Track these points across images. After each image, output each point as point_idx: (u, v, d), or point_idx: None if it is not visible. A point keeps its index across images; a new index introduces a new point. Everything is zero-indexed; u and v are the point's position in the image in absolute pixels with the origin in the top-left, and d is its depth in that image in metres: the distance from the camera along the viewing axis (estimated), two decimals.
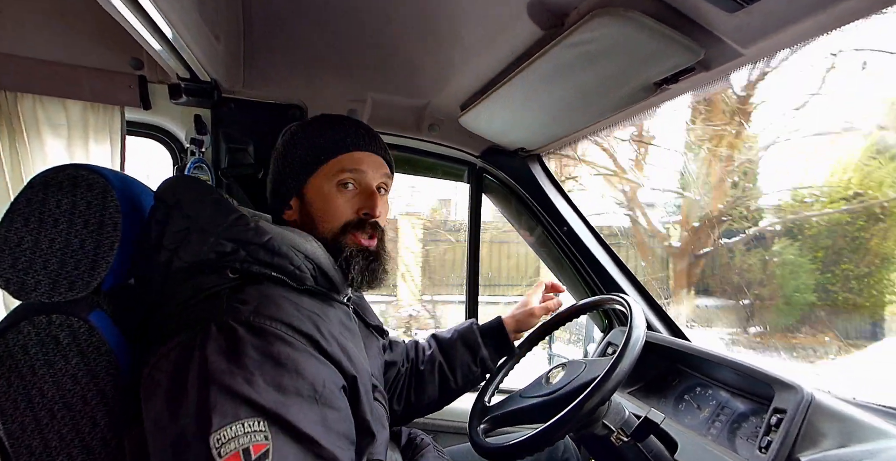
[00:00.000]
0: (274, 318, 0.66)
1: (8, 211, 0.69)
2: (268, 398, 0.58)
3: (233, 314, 0.65)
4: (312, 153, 0.85)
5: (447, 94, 1.31)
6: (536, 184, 1.50)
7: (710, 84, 0.89)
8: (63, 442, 0.66)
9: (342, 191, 0.85)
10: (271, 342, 0.63)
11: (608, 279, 1.43)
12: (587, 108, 1.11)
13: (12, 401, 0.65)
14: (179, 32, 0.87)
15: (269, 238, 0.73)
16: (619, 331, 1.41)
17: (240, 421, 0.56)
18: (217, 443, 0.54)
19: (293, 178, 0.86)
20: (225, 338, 0.62)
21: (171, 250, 0.72)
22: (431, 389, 1.13)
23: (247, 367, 0.60)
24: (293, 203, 0.87)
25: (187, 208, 0.74)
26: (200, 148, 1.30)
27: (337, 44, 1.15)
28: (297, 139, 0.87)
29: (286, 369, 0.62)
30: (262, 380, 0.59)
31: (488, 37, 1.01)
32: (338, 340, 0.73)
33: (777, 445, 0.80)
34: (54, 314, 0.67)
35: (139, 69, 1.21)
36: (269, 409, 0.58)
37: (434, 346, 1.17)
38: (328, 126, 0.88)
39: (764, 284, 4.95)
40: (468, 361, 1.15)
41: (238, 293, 0.69)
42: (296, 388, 0.61)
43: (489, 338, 1.17)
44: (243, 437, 0.55)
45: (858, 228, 4.51)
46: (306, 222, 0.86)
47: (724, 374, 1.07)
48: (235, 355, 0.60)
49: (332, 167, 0.85)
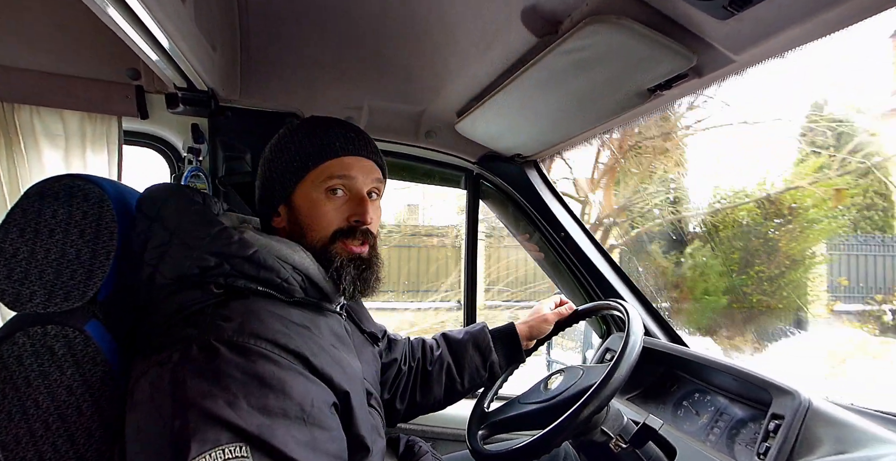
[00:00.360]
0: (259, 336, 0.63)
1: (3, 221, 0.69)
2: (251, 422, 0.56)
3: (215, 333, 0.63)
4: (299, 159, 0.82)
5: (443, 101, 1.32)
6: (533, 190, 1.50)
7: (702, 90, 0.89)
8: (58, 453, 0.66)
9: (331, 197, 0.81)
10: (255, 361, 0.61)
11: (606, 285, 1.43)
12: (582, 114, 1.11)
13: (6, 413, 0.64)
14: (176, 43, 0.88)
15: (255, 251, 0.71)
16: (617, 337, 1.41)
17: (220, 447, 0.54)
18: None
19: (280, 184, 0.83)
20: (206, 358, 0.60)
21: (152, 266, 0.70)
22: (438, 390, 1.12)
23: (229, 389, 0.57)
24: (281, 210, 0.84)
25: (168, 221, 0.72)
26: (198, 157, 1.30)
27: (333, 52, 1.15)
28: (284, 144, 0.84)
29: (272, 389, 0.60)
30: (245, 403, 0.57)
31: (483, 44, 1.02)
32: (329, 353, 0.72)
33: (775, 452, 0.80)
34: (49, 325, 0.67)
35: (136, 79, 1.21)
36: (252, 434, 0.55)
37: (444, 347, 1.16)
38: (316, 130, 0.84)
39: (678, 287, 4.98)
40: (477, 365, 1.14)
41: (222, 309, 0.67)
42: (282, 409, 0.59)
43: (500, 343, 1.16)
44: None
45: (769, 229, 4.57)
46: (295, 230, 0.83)
47: (722, 380, 1.07)
48: (217, 376, 0.58)
49: (321, 173, 0.81)
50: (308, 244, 0.81)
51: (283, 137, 0.85)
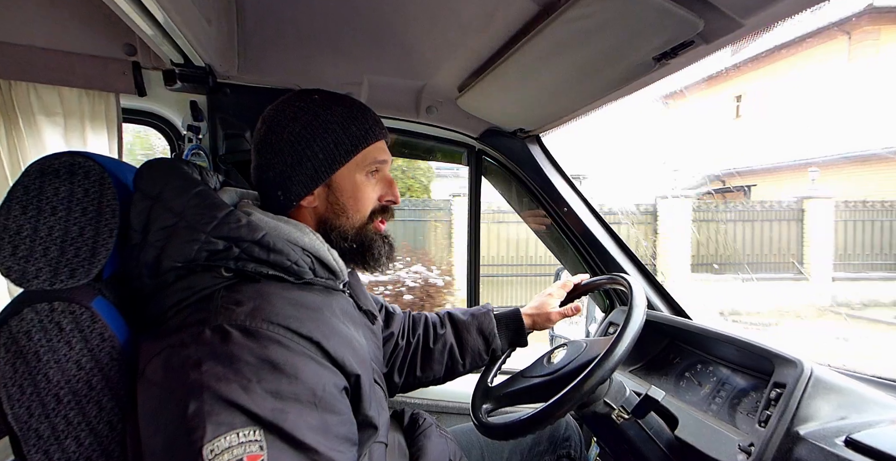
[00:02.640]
0: (271, 321, 0.64)
1: (6, 199, 0.69)
2: (264, 406, 0.57)
3: (227, 317, 0.63)
4: (349, 140, 0.82)
5: (444, 75, 1.29)
6: (536, 165, 1.49)
7: (708, 57, 0.87)
8: (70, 426, 0.67)
9: (370, 179, 0.85)
10: (267, 346, 0.61)
11: (609, 259, 1.43)
12: (586, 85, 1.09)
13: (18, 387, 0.65)
14: (171, 16, 0.86)
15: (264, 234, 0.71)
16: (620, 311, 1.41)
17: (234, 430, 0.54)
18: (210, 454, 0.53)
19: (325, 164, 0.81)
20: (219, 342, 0.60)
21: (158, 248, 0.69)
22: (438, 368, 1.14)
23: (242, 374, 0.58)
24: (319, 191, 0.83)
25: (172, 203, 0.70)
26: (198, 134, 1.29)
27: (331, 25, 1.13)
28: (324, 123, 0.81)
29: (284, 374, 0.60)
30: (258, 387, 0.58)
31: (484, 15, 0.99)
32: (341, 335, 0.72)
33: (776, 419, 0.81)
34: (56, 301, 0.68)
35: (133, 55, 1.19)
36: (265, 418, 0.56)
37: (448, 328, 1.17)
38: (354, 111, 0.84)
39: None
40: (480, 349, 1.16)
41: (233, 293, 0.68)
42: (294, 394, 0.60)
43: (504, 329, 1.18)
44: (237, 448, 0.54)
45: None
46: (331, 210, 0.84)
47: (724, 351, 1.08)
48: (230, 360, 0.59)
49: (366, 156, 0.84)
50: (344, 224, 0.84)
51: (316, 115, 0.82)
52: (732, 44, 0.82)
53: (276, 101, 0.87)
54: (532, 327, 1.19)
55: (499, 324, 1.17)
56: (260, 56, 1.22)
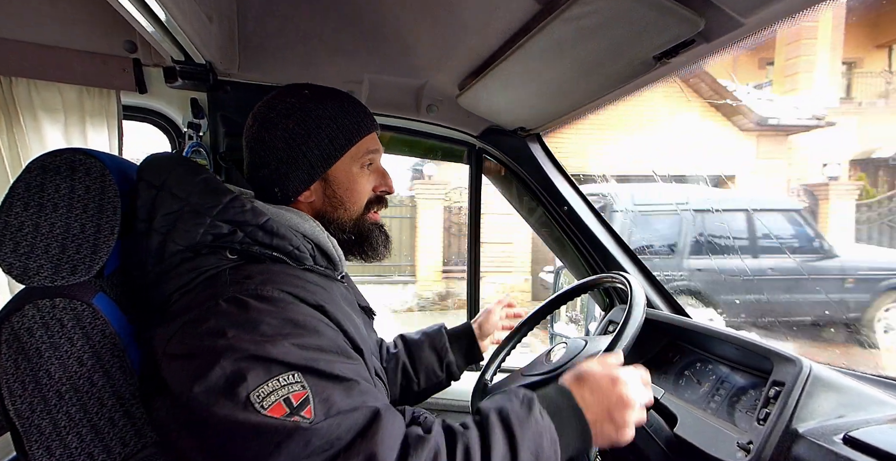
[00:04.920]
0: (282, 290, 0.67)
1: (7, 196, 0.69)
2: (297, 355, 0.60)
3: (239, 288, 0.66)
4: (343, 134, 0.83)
5: (445, 74, 1.29)
6: (536, 163, 1.49)
7: (709, 57, 0.87)
8: (72, 422, 0.67)
9: (364, 171, 0.87)
10: (285, 307, 0.65)
11: (609, 258, 1.43)
12: (586, 84, 1.09)
13: (20, 383, 0.66)
14: (172, 13, 0.86)
15: (267, 219, 0.73)
16: (619, 309, 1.42)
17: (274, 377, 0.58)
18: (258, 399, 0.56)
19: (321, 159, 0.82)
20: (237, 310, 0.63)
21: (163, 234, 0.71)
22: (392, 389, 1.13)
23: (267, 334, 0.61)
24: (315, 185, 0.84)
25: (176, 189, 0.72)
26: (198, 132, 1.29)
27: (331, 24, 1.13)
28: (316, 118, 0.82)
29: (306, 329, 0.64)
30: (286, 342, 0.61)
31: (485, 13, 0.99)
32: (343, 311, 0.75)
33: (775, 417, 0.81)
34: (58, 298, 0.68)
35: (133, 52, 1.19)
36: (299, 364, 0.60)
37: (400, 346, 1.17)
38: (345, 104, 0.85)
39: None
40: (433, 365, 1.15)
41: (240, 270, 0.70)
42: (318, 346, 0.64)
43: (457, 342, 1.18)
44: (281, 390, 0.57)
45: None
46: (329, 204, 0.85)
47: (723, 350, 1.08)
48: (253, 324, 0.62)
49: (360, 148, 0.85)
50: (342, 216, 0.86)
51: (308, 110, 0.82)
52: (733, 43, 0.82)
53: (266, 97, 0.87)
54: (482, 332, 1.20)
55: (451, 339, 1.18)
56: (261, 53, 1.22)
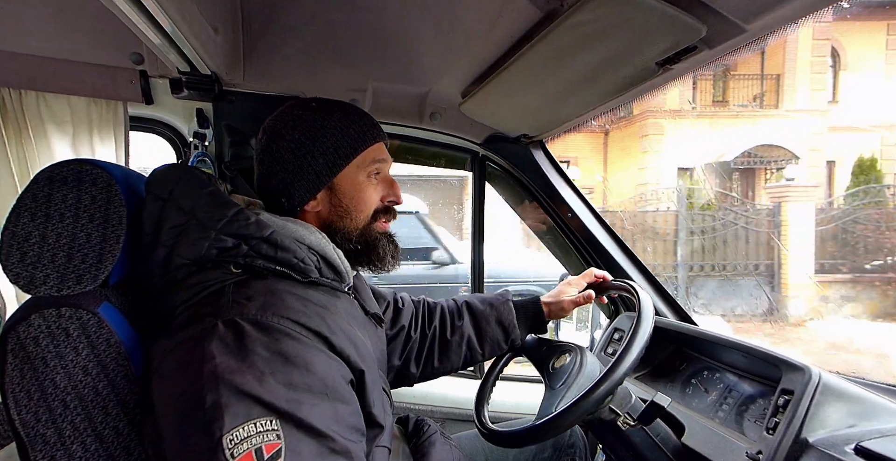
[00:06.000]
0: (281, 316, 0.66)
1: (15, 206, 0.70)
2: (279, 396, 0.59)
3: (238, 311, 0.65)
4: (348, 143, 0.83)
5: (448, 82, 1.30)
6: (539, 170, 1.49)
7: (712, 63, 0.87)
8: (76, 431, 0.67)
9: (371, 180, 0.86)
10: (279, 339, 0.63)
11: (614, 264, 1.42)
12: (589, 91, 1.09)
13: (26, 392, 0.66)
14: (178, 25, 0.87)
15: (272, 232, 0.73)
16: (625, 317, 1.41)
17: (251, 420, 0.56)
18: (230, 444, 0.55)
19: (327, 168, 0.83)
20: (232, 335, 0.62)
21: (168, 247, 0.71)
22: (456, 359, 1.14)
23: (256, 366, 0.60)
24: (321, 195, 0.85)
25: (182, 202, 0.72)
26: (203, 141, 1.31)
27: (335, 33, 1.14)
28: (321, 128, 0.83)
29: (296, 366, 0.62)
30: (272, 379, 0.60)
31: (487, 21, 1.00)
32: (346, 333, 0.73)
33: (784, 426, 0.80)
34: (63, 307, 0.68)
35: (140, 64, 1.21)
36: (280, 408, 0.58)
37: (466, 318, 1.16)
38: (350, 115, 0.86)
39: None
40: (499, 339, 1.15)
41: (243, 288, 0.70)
42: (307, 385, 0.62)
43: (524, 318, 1.16)
44: (255, 437, 0.56)
45: None
46: (335, 213, 0.85)
47: (731, 357, 1.07)
48: (244, 353, 0.61)
49: (365, 157, 0.85)
50: (348, 225, 0.85)
51: (316, 121, 0.83)
52: (736, 49, 0.82)
53: (276, 111, 0.89)
54: (548, 316, 1.18)
55: (518, 313, 1.16)
56: (265, 64, 1.24)
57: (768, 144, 9.88)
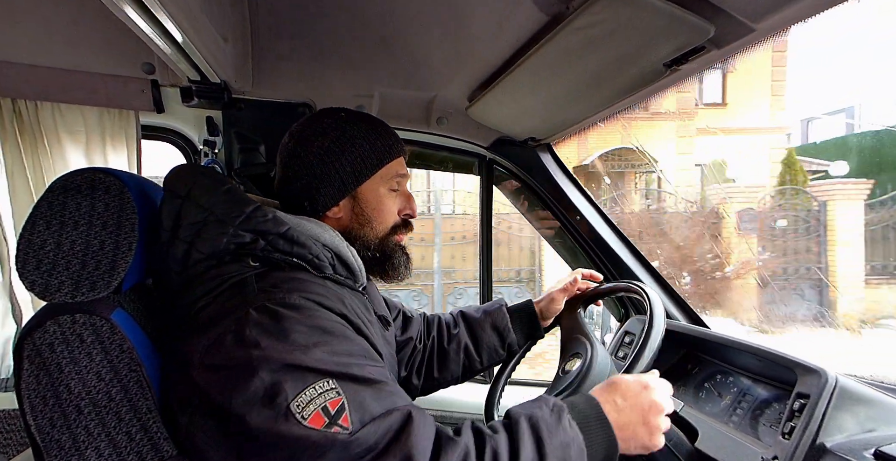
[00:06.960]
0: (307, 298, 0.69)
1: (31, 215, 0.71)
2: (328, 362, 0.63)
3: (266, 297, 0.68)
4: (375, 154, 0.86)
5: (454, 86, 1.30)
6: (547, 173, 1.48)
7: (720, 63, 0.86)
8: (90, 437, 0.68)
9: (392, 193, 0.89)
10: (312, 315, 0.68)
11: (624, 267, 1.42)
12: (596, 93, 1.09)
13: (41, 398, 0.67)
14: (188, 35, 0.88)
15: (288, 228, 0.75)
16: (636, 320, 1.39)
17: (310, 385, 0.61)
18: (298, 409, 0.59)
19: (352, 176, 0.85)
20: (269, 319, 0.65)
21: (187, 243, 0.73)
22: (455, 368, 1.15)
23: (298, 342, 0.63)
24: (344, 202, 0.87)
25: (200, 199, 0.74)
26: (213, 149, 1.32)
27: (342, 40, 1.15)
28: (349, 137, 0.86)
29: (334, 336, 0.67)
30: (317, 350, 0.63)
31: (493, 25, 1.00)
32: (363, 321, 0.77)
33: (801, 431, 0.78)
34: (78, 313, 0.69)
35: (151, 73, 1.23)
36: (332, 371, 0.62)
37: (461, 326, 1.17)
38: (377, 128, 0.89)
39: None
40: (496, 345, 1.15)
41: (265, 278, 0.72)
42: (348, 351, 0.67)
43: (518, 321, 1.17)
44: (318, 398, 0.60)
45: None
46: (356, 221, 0.88)
47: (744, 360, 1.05)
48: (284, 333, 0.64)
49: (389, 170, 0.88)
50: (368, 234, 0.88)
51: (344, 130, 0.86)
52: (744, 49, 0.81)
53: (304, 118, 0.91)
54: (542, 317, 1.17)
55: (512, 317, 1.16)
56: (273, 71, 1.25)
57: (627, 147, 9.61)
